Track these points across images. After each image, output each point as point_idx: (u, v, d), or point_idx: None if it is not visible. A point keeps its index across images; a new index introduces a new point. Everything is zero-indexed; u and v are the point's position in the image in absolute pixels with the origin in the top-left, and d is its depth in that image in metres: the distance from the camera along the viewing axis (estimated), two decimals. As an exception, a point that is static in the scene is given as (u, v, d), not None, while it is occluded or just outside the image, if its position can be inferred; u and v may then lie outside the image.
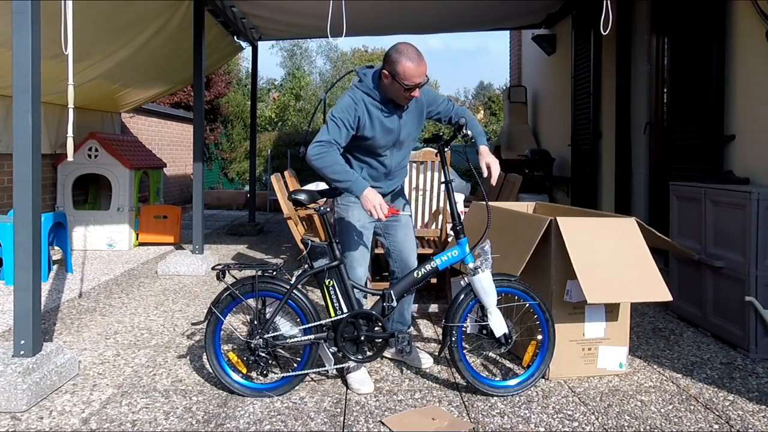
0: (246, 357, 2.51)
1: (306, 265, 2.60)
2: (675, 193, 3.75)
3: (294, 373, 2.56)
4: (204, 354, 2.98)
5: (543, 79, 8.48)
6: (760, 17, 3.72)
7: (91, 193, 6.92)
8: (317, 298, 3.02)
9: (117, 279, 4.84)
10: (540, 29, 7.85)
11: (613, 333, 2.82)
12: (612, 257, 2.65)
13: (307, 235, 4.27)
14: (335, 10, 3.72)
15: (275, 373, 2.69)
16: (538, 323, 2.62)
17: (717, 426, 2.32)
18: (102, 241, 6.19)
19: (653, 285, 2.61)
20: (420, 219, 4.15)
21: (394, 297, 2.51)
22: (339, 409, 2.43)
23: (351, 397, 2.55)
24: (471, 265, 2.51)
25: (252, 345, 2.48)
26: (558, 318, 2.73)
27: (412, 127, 2.70)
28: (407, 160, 2.84)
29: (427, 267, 2.55)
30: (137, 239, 6.44)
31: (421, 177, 4.05)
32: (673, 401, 2.55)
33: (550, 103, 8.16)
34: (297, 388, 2.60)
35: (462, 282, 2.62)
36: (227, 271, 2.52)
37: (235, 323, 3.53)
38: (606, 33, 3.30)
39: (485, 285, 2.48)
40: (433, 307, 3.88)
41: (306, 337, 2.52)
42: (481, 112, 20.29)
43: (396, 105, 2.61)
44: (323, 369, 2.63)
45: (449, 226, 3.25)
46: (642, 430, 2.28)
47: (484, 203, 2.90)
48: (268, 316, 2.50)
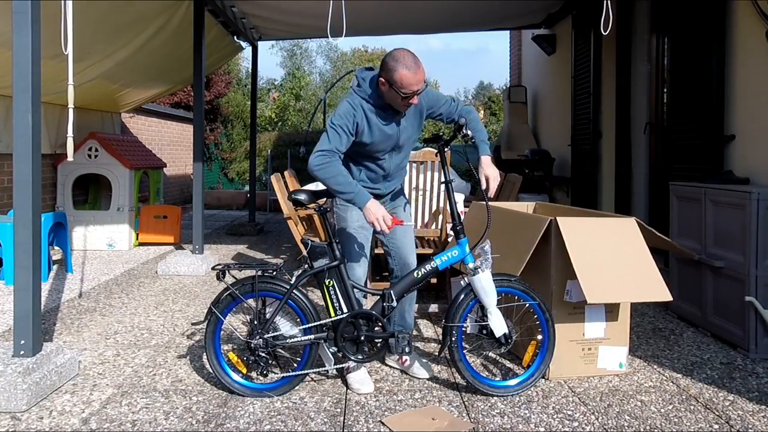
0: (246, 357, 2.52)
1: (306, 265, 2.60)
2: (675, 193, 3.75)
3: (294, 373, 2.56)
4: (204, 354, 2.98)
5: (543, 79, 8.48)
6: (760, 17, 3.72)
7: (91, 193, 6.92)
8: (317, 298, 3.02)
9: (117, 279, 4.85)
10: (540, 29, 7.86)
11: (613, 333, 2.82)
12: (612, 257, 2.65)
13: (307, 235, 4.27)
14: (335, 10, 3.72)
15: (275, 373, 2.69)
16: (538, 323, 2.62)
17: (717, 426, 2.32)
18: (102, 241, 6.19)
19: (653, 285, 2.61)
20: (420, 219, 4.15)
21: (394, 297, 2.51)
22: (339, 409, 2.43)
23: (351, 397, 2.55)
24: (471, 265, 2.51)
25: (252, 345, 2.48)
26: (558, 318, 2.73)
27: (411, 131, 2.68)
28: (406, 161, 2.83)
29: (427, 267, 2.55)
30: (137, 239, 6.44)
31: (421, 177, 4.05)
32: (673, 401, 2.55)
33: (550, 103, 8.16)
34: (297, 388, 2.60)
35: (462, 282, 2.62)
36: (227, 271, 2.52)
37: (235, 323, 3.53)
38: (606, 33, 3.30)
39: (485, 285, 2.48)
40: (433, 307, 3.88)
41: (306, 337, 2.52)
42: (481, 112, 20.30)
43: (395, 110, 2.58)
44: (323, 369, 2.63)
45: (449, 226, 3.25)
46: (642, 430, 2.29)
47: (484, 203, 2.90)
48: (268, 316, 2.50)
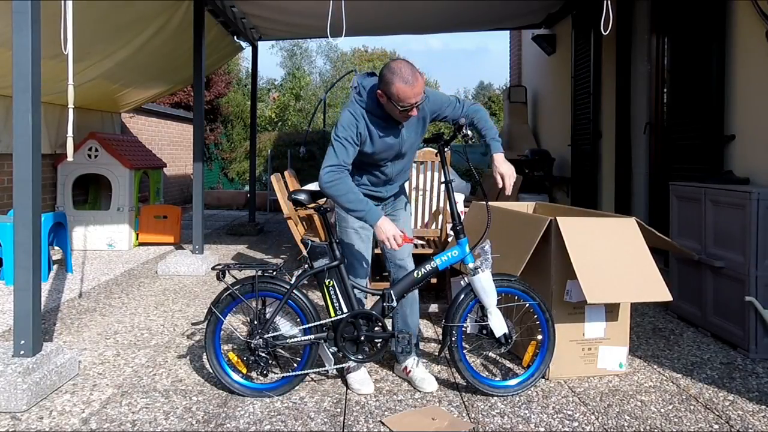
0: (246, 357, 2.52)
1: (306, 265, 2.60)
2: (675, 193, 3.75)
3: (294, 373, 2.56)
4: (204, 354, 2.98)
5: (543, 79, 8.48)
6: (760, 17, 3.72)
7: (91, 193, 6.92)
8: (317, 298, 3.02)
9: (117, 279, 4.85)
10: (540, 29, 7.86)
11: (613, 333, 2.82)
12: (612, 257, 2.65)
13: (307, 235, 4.27)
14: (335, 10, 3.72)
15: (275, 373, 2.69)
16: (538, 323, 2.62)
17: (717, 426, 2.32)
18: (102, 241, 6.19)
19: (653, 285, 2.61)
20: (420, 219, 4.15)
21: (394, 297, 2.51)
22: (339, 409, 2.43)
23: (351, 397, 2.55)
24: (471, 265, 2.51)
25: (252, 345, 2.48)
26: (558, 318, 2.73)
27: (414, 139, 2.65)
28: (410, 165, 2.80)
29: (427, 267, 2.54)
30: (137, 239, 6.44)
31: (421, 177, 4.05)
32: (673, 401, 2.55)
33: (550, 103, 8.16)
34: (297, 388, 2.60)
35: (462, 282, 2.62)
36: (227, 271, 2.52)
37: (235, 323, 3.53)
38: (606, 33, 3.30)
39: (485, 285, 2.48)
40: (433, 307, 3.88)
41: (306, 337, 2.52)
42: (481, 112, 20.28)
43: (396, 120, 2.54)
44: (323, 369, 2.63)
45: (449, 226, 3.25)
46: (642, 430, 2.28)
47: (484, 203, 2.90)
48: (268, 316, 2.50)
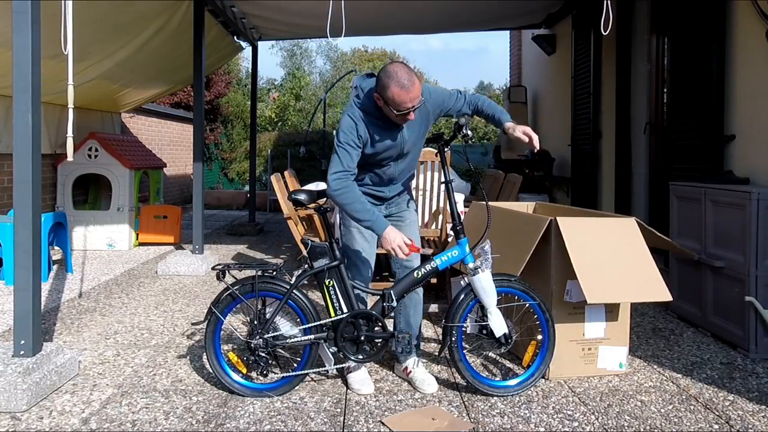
0: (246, 357, 2.52)
1: (306, 265, 2.60)
2: (675, 193, 3.75)
3: (294, 373, 2.56)
4: (204, 354, 2.98)
5: (543, 79, 8.48)
6: (760, 17, 3.72)
7: (91, 193, 6.92)
8: (317, 298, 3.02)
9: (117, 279, 4.84)
10: (540, 29, 7.85)
11: (613, 333, 2.82)
12: (612, 257, 2.65)
13: (307, 235, 4.27)
14: (335, 10, 3.72)
15: (275, 373, 2.69)
16: (538, 323, 2.62)
17: (717, 426, 2.32)
18: (102, 241, 6.19)
19: (653, 285, 2.61)
20: (420, 219, 4.15)
21: (394, 297, 2.51)
22: (339, 409, 2.43)
23: (351, 397, 2.55)
24: (471, 265, 2.51)
25: (252, 345, 2.48)
26: (558, 318, 2.73)
27: (416, 137, 2.63)
28: (414, 164, 2.77)
29: (427, 267, 2.54)
30: (137, 239, 6.44)
31: (421, 177, 4.05)
32: (673, 401, 2.55)
33: (550, 103, 8.16)
34: (297, 388, 2.60)
35: (462, 282, 2.62)
36: (227, 271, 2.52)
37: (235, 323, 3.53)
38: (606, 33, 3.30)
39: (485, 285, 2.48)
40: (433, 307, 3.88)
41: (306, 337, 2.52)
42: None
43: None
44: (323, 369, 2.63)
45: (449, 226, 3.25)
46: (642, 430, 2.28)
47: (484, 203, 2.90)
48: (268, 316, 2.50)
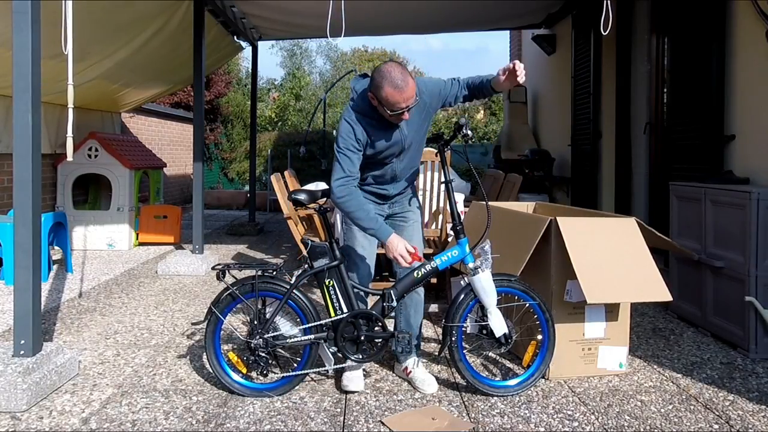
0: (246, 357, 2.52)
1: (306, 265, 2.60)
2: (675, 193, 3.75)
3: (294, 373, 2.56)
4: (204, 354, 2.98)
5: (543, 79, 8.47)
6: (760, 17, 3.72)
7: (91, 193, 6.92)
8: (317, 298, 3.02)
9: (117, 279, 4.84)
10: (540, 29, 7.85)
11: (613, 333, 2.82)
12: (612, 257, 2.65)
13: (307, 235, 4.27)
14: (335, 10, 3.72)
15: (275, 373, 2.69)
16: (538, 323, 2.62)
17: (717, 426, 2.32)
18: (102, 241, 6.19)
19: (653, 285, 2.61)
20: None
21: (394, 297, 2.51)
22: (339, 409, 2.43)
23: (351, 397, 2.55)
24: (471, 265, 2.51)
25: (252, 345, 2.48)
26: (558, 318, 2.73)
27: (416, 131, 2.61)
28: (417, 160, 2.75)
29: (427, 267, 2.54)
30: (137, 239, 6.44)
31: (421, 177, 4.06)
32: (673, 401, 2.55)
33: (550, 103, 8.16)
34: (297, 388, 2.60)
35: (462, 282, 2.62)
36: (227, 271, 2.52)
37: (235, 323, 3.53)
38: (606, 33, 3.29)
39: (485, 285, 2.48)
40: (433, 307, 3.88)
41: (306, 337, 2.52)
42: (481, 112, 20.28)
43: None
44: (323, 369, 2.63)
45: (449, 226, 3.25)
46: (642, 430, 2.28)
47: (484, 203, 2.90)
48: (268, 316, 2.50)
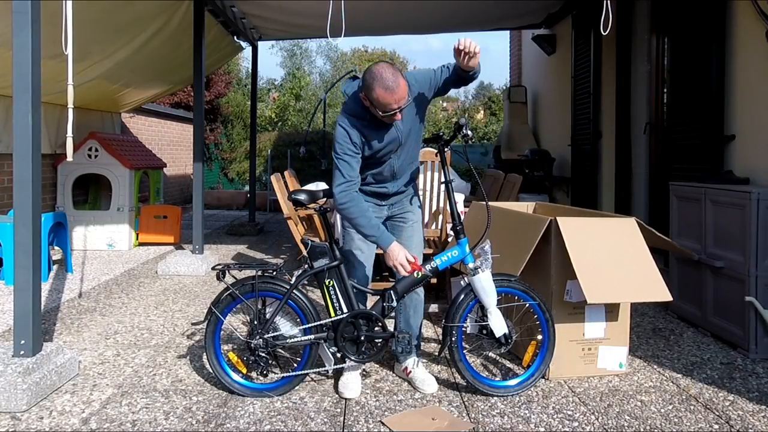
0: (246, 357, 2.52)
1: (306, 265, 2.60)
2: (675, 193, 3.75)
3: (294, 373, 2.56)
4: (204, 354, 2.98)
5: (543, 79, 8.48)
6: (760, 17, 3.72)
7: (91, 193, 6.92)
8: (317, 298, 3.02)
9: (117, 279, 4.84)
10: (540, 29, 7.85)
11: (613, 333, 2.82)
12: (612, 257, 2.65)
13: (307, 235, 4.27)
14: (335, 10, 3.72)
15: (275, 373, 2.69)
16: (538, 323, 2.62)
17: (717, 426, 2.32)
18: (102, 241, 6.19)
19: (653, 285, 2.61)
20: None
21: (394, 297, 2.51)
22: (339, 409, 2.43)
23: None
24: (471, 265, 2.51)
25: (252, 345, 2.48)
26: (558, 318, 2.73)
27: (411, 126, 2.59)
28: (415, 155, 2.73)
29: (427, 267, 2.54)
30: (137, 239, 6.43)
31: (421, 177, 4.05)
32: (673, 401, 2.55)
33: (550, 103, 8.16)
34: (297, 388, 2.60)
35: (462, 282, 2.62)
36: (227, 271, 2.52)
37: (235, 323, 3.53)
38: (606, 33, 3.29)
39: (485, 285, 2.48)
40: (433, 307, 3.88)
41: (306, 337, 2.52)
42: (481, 112, 20.29)
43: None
44: (323, 369, 2.63)
45: (449, 226, 3.25)
46: (642, 430, 2.29)
47: (484, 203, 2.90)
48: (268, 316, 2.50)
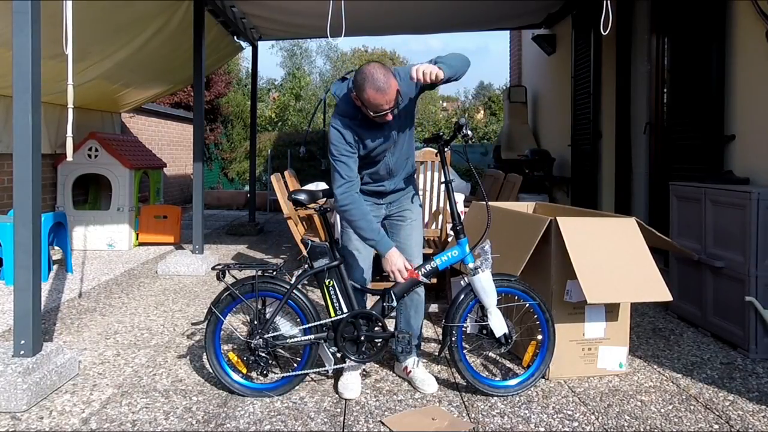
0: (246, 357, 2.52)
1: (306, 265, 2.60)
2: (675, 193, 3.75)
3: (294, 373, 2.56)
4: (204, 354, 2.98)
5: (543, 79, 8.48)
6: (760, 17, 3.72)
7: (91, 193, 6.92)
8: (317, 298, 3.02)
9: (117, 279, 4.84)
10: (540, 29, 7.85)
11: (613, 333, 2.82)
12: (612, 257, 2.65)
13: (307, 235, 4.27)
14: (335, 10, 3.72)
15: (275, 373, 2.69)
16: (538, 323, 2.62)
17: (717, 426, 2.32)
18: (102, 241, 6.19)
19: (653, 285, 2.61)
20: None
21: (394, 297, 2.51)
22: (339, 409, 2.43)
23: (351, 397, 2.55)
24: (471, 265, 2.51)
25: (252, 345, 2.48)
26: (558, 318, 2.73)
27: (404, 121, 2.58)
28: (411, 151, 2.72)
29: (427, 267, 2.54)
30: (137, 239, 6.43)
31: (421, 177, 4.05)
32: (673, 401, 2.55)
33: (550, 103, 8.16)
34: (297, 388, 2.60)
35: (462, 282, 2.62)
36: (227, 271, 2.52)
37: (235, 323, 3.53)
38: (606, 33, 3.29)
39: (485, 285, 2.48)
40: (433, 307, 3.88)
41: (306, 337, 2.52)
42: (481, 112, 20.29)
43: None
44: (323, 369, 2.63)
45: (449, 226, 3.25)
46: (642, 430, 2.29)
47: (484, 203, 2.90)
48: (268, 316, 2.50)
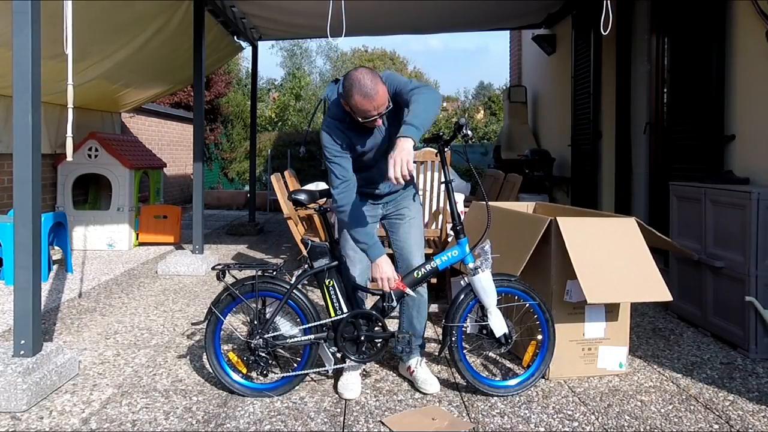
0: (246, 357, 2.52)
1: (306, 265, 2.60)
2: (675, 193, 3.75)
3: (294, 373, 2.56)
4: (204, 354, 2.98)
5: (543, 79, 8.48)
6: (760, 17, 3.72)
7: (91, 193, 6.92)
8: (317, 298, 3.02)
9: (117, 279, 4.84)
10: (540, 29, 7.85)
11: (613, 333, 2.83)
12: (612, 257, 2.65)
13: (307, 235, 4.27)
14: (335, 10, 3.72)
15: (275, 373, 2.69)
16: (538, 323, 2.62)
17: (717, 426, 2.32)
18: (102, 241, 6.19)
19: (653, 285, 2.61)
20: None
21: (394, 297, 2.51)
22: (339, 409, 2.43)
23: (351, 397, 2.55)
24: (471, 265, 2.51)
25: (252, 345, 2.48)
26: (558, 318, 2.73)
27: (396, 126, 2.51)
28: None
29: (427, 267, 2.54)
30: (137, 239, 6.44)
31: (421, 177, 4.06)
32: (673, 401, 2.55)
33: (550, 103, 8.16)
34: (297, 388, 2.60)
35: (462, 282, 2.62)
36: (227, 271, 2.52)
37: (235, 323, 3.53)
38: (606, 33, 3.30)
39: (485, 285, 2.48)
40: (433, 307, 3.88)
41: (306, 337, 2.52)
42: (481, 112, 20.29)
43: None
44: (323, 369, 2.63)
45: (449, 226, 3.25)
46: (642, 430, 2.29)
47: (484, 203, 2.90)
48: (268, 316, 2.50)
